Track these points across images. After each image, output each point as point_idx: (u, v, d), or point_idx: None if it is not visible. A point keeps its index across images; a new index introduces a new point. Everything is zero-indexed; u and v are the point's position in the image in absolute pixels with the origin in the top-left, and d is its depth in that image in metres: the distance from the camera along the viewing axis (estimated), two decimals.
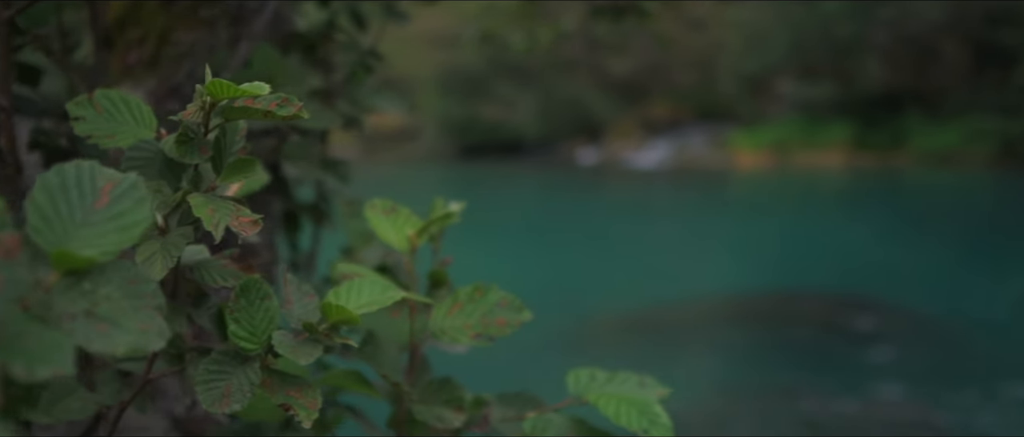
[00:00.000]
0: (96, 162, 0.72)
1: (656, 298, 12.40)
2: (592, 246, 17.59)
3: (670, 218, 21.74)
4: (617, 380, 1.34)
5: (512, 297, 1.25)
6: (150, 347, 0.67)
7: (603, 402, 1.21)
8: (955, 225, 19.63)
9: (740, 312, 11.63)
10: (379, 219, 1.29)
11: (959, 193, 24.05)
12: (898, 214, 20.45)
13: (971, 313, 11.16)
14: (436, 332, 1.23)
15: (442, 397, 1.24)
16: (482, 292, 1.26)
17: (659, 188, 28.12)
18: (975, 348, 9.86)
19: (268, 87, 0.89)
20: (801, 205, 23.86)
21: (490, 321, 1.23)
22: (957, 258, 15.57)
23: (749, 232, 19.49)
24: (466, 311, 1.25)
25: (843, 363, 9.38)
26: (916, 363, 9.41)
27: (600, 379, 1.35)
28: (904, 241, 17.08)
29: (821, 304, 11.76)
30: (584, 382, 1.33)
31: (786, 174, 29.16)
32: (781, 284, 13.43)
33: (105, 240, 0.67)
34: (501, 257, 16.78)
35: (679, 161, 33.15)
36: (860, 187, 25.61)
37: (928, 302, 11.79)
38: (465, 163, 36.06)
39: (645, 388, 1.33)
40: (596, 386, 1.32)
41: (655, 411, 1.18)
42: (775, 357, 9.78)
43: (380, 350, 1.19)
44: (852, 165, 30.10)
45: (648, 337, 10.62)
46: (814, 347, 10.01)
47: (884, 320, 11.11)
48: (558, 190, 28.10)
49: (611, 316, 11.58)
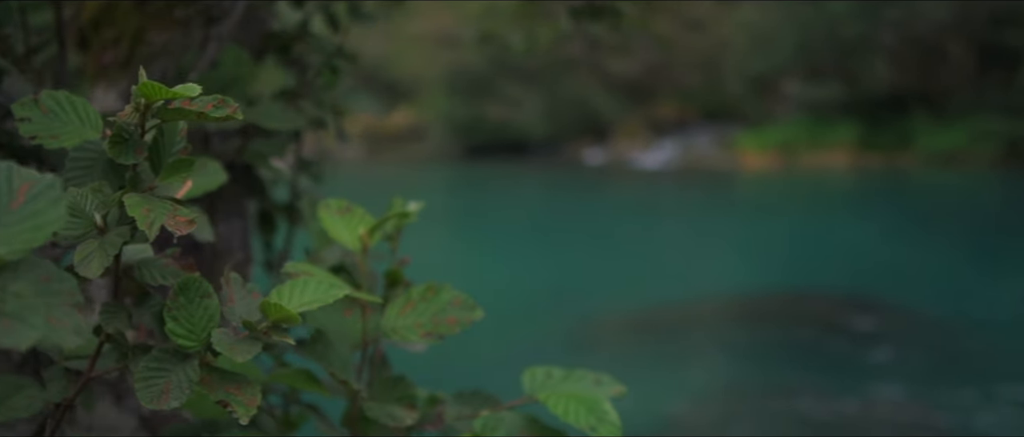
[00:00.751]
0: (13, 163, 0.74)
1: (661, 298, 12.41)
2: (598, 246, 17.59)
3: (676, 218, 21.74)
4: (573, 378, 1.35)
5: (465, 296, 1.26)
6: (63, 343, 0.68)
7: (553, 400, 1.22)
8: (960, 225, 19.59)
9: (745, 312, 11.64)
10: (332, 219, 1.30)
11: (964, 193, 24.01)
12: (903, 214, 20.41)
13: (974, 313, 11.14)
14: (388, 330, 1.24)
15: (394, 395, 1.25)
16: (434, 291, 1.27)
17: (665, 188, 28.12)
18: (977, 349, 9.84)
19: (200, 88, 0.90)
20: (807, 205, 23.83)
21: (441, 320, 1.24)
22: (961, 258, 15.54)
23: (755, 232, 19.47)
24: (418, 310, 1.26)
25: (846, 363, 9.38)
26: (919, 364, 9.40)
27: (556, 377, 1.35)
28: (909, 241, 17.06)
29: (825, 304, 11.75)
30: (540, 380, 1.34)
31: (792, 174, 29.13)
32: (786, 284, 13.42)
33: (17, 239, 0.68)
34: (506, 257, 16.80)
35: (685, 161, 33.14)
36: (866, 187, 25.58)
37: (932, 302, 11.78)
38: (471, 163, 36.08)
39: (600, 386, 1.34)
40: (551, 384, 1.33)
41: (603, 409, 1.19)
42: (779, 357, 9.78)
43: (330, 348, 1.20)
44: (858, 165, 30.05)
45: (653, 337, 10.63)
46: (817, 347, 10.00)
47: (887, 320, 11.10)
48: (564, 190, 28.10)
49: (617, 316, 11.58)
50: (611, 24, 2.13)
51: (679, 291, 12.85)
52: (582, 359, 9.55)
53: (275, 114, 1.46)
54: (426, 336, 1.20)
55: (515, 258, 16.61)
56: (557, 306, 12.22)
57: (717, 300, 12.29)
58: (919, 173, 27.72)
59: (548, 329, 11.02)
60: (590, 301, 12.44)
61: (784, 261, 15.83)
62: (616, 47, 37.57)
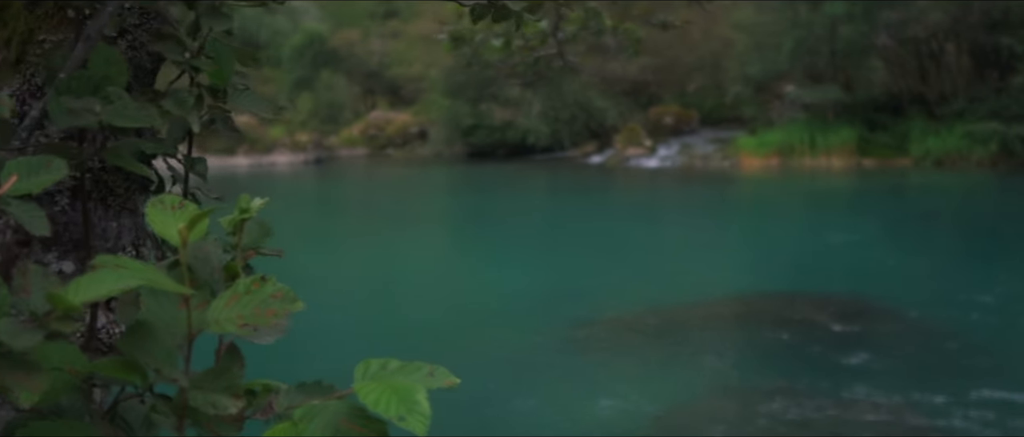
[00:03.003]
0: None
1: (655, 300, 12.46)
2: (595, 247, 17.64)
3: (674, 220, 21.78)
4: (407, 369, 1.38)
5: (287, 289, 1.29)
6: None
7: (365, 390, 1.24)
8: (952, 228, 19.62)
9: (736, 314, 11.69)
10: (158, 214, 1.33)
11: (958, 195, 24.02)
12: (897, 217, 20.43)
13: (959, 316, 11.17)
14: (210, 322, 1.27)
15: (220, 384, 1.28)
16: (259, 284, 1.30)
17: (664, 190, 28.16)
18: (959, 351, 9.87)
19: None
20: (803, 207, 23.86)
21: (261, 312, 1.27)
22: (951, 261, 15.57)
23: (750, 234, 19.52)
24: (242, 302, 1.29)
25: (832, 365, 9.41)
26: (901, 366, 9.43)
27: (392, 368, 1.38)
28: (901, 244, 17.09)
29: (816, 306, 11.79)
30: (373, 370, 1.37)
31: (790, 177, 29.16)
32: (779, 286, 13.47)
33: None
34: (504, 258, 16.86)
35: (686, 163, 33.18)
36: (862, 189, 25.60)
37: (919, 305, 11.81)
38: (473, 164, 36.17)
39: (433, 378, 1.37)
40: (384, 375, 1.36)
41: (416, 400, 1.21)
42: (767, 358, 9.83)
43: (149, 340, 1.23)
44: (856, 168, 30.09)
45: (645, 338, 10.70)
46: (805, 349, 10.05)
47: (874, 322, 11.15)
48: (564, 191, 28.16)
49: (611, 317, 11.64)
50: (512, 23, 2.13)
51: (672, 293, 12.90)
52: (574, 360, 9.63)
53: (128, 112, 1.50)
54: (243, 327, 1.24)
55: (513, 258, 16.68)
56: (552, 307, 12.27)
57: (710, 302, 12.34)
58: (914, 175, 27.75)
59: (542, 330, 11.07)
60: (585, 302, 12.49)
61: (778, 263, 15.86)
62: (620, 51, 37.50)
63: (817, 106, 32.41)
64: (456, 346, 10.74)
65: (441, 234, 21.90)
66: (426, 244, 19.58)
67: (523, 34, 6.77)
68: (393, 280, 15.10)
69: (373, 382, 1.29)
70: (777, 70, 33.06)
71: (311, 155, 38.73)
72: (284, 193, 30.63)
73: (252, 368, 1.36)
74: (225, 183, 32.03)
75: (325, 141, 41.07)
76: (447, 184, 32.23)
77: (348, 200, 28.39)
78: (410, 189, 30.80)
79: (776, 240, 18.44)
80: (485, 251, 18.11)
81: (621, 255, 16.56)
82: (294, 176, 34.60)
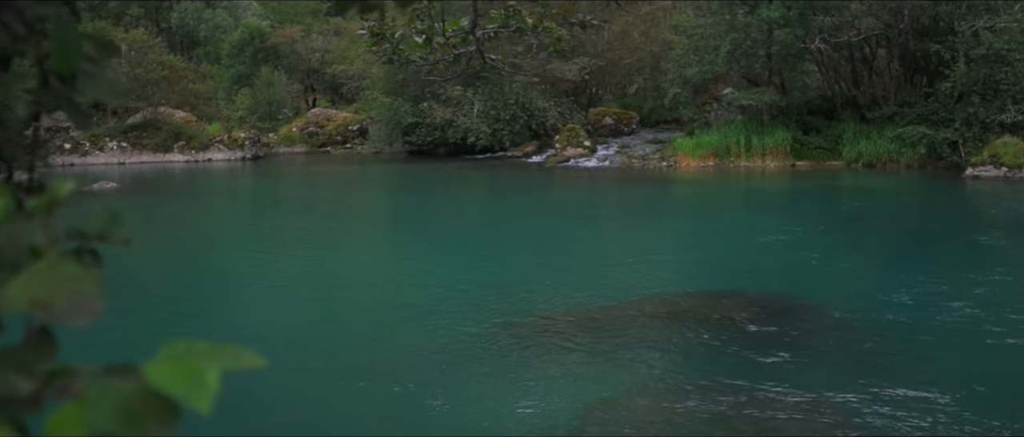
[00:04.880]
0: None
1: (589, 299, 12.52)
2: (532, 247, 17.70)
3: (612, 220, 21.92)
4: (212, 351, 1.39)
5: (82, 271, 1.30)
6: None
7: (154, 370, 1.25)
8: (881, 229, 19.98)
9: (667, 312, 11.76)
10: None
11: (888, 196, 24.44)
12: (829, 217, 20.77)
13: (879, 315, 11.37)
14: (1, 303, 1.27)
15: (10, 363, 1.29)
16: (56, 266, 1.31)
17: (603, 190, 28.30)
18: (877, 350, 10.04)
19: None
20: (738, 208, 24.13)
21: (55, 292, 1.28)
22: (878, 261, 15.85)
23: (686, 234, 19.69)
24: (36, 282, 1.30)
25: (756, 362, 9.51)
26: (825, 363, 9.58)
27: (197, 350, 1.39)
28: (831, 244, 17.36)
29: (745, 304, 11.91)
30: (177, 352, 1.38)
31: (726, 178, 29.50)
32: (711, 285, 13.61)
33: None
34: (440, 257, 16.81)
35: (624, 164, 33.38)
36: (796, 190, 25.96)
37: (842, 304, 11.98)
38: (413, 162, 36.07)
39: (238, 359, 1.38)
40: (188, 356, 1.37)
41: (205, 379, 1.22)
42: (692, 356, 9.90)
43: None
44: (790, 169, 30.54)
45: (575, 336, 10.72)
46: (730, 346, 10.14)
47: (797, 320, 11.29)
48: (503, 189, 28.17)
49: (543, 316, 11.66)
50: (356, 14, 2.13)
51: (603, 292, 12.97)
52: (499, 359, 9.66)
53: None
54: (36, 307, 1.24)
55: (448, 257, 16.64)
56: (483, 306, 12.28)
57: (639, 301, 12.41)
58: (846, 176, 28.22)
59: (470, 329, 11.07)
60: (516, 301, 12.51)
61: (709, 262, 16.03)
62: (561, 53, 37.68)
63: (753, 109, 32.85)
64: (384, 344, 10.71)
65: (377, 232, 21.82)
66: (361, 242, 19.49)
67: (443, 32, 6.78)
68: (325, 278, 15.02)
69: (166, 363, 1.30)
70: (715, 73, 33.44)
71: (248, 152, 38.34)
72: (219, 191, 30.27)
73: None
74: (158, 180, 31.60)
75: (263, 138, 40.71)
76: (385, 182, 32.11)
77: (283, 198, 28.15)
78: (347, 187, 30.64)
79: (708, 240, 18.65)
80: (420, 249, 18.07)
81: (556, 254, 16.64)
82: (230, 173, 34.23)
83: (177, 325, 11.28)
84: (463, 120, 36.72)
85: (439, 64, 7.91)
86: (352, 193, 28.93)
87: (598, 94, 43.52)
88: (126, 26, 46.47)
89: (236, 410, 8.45)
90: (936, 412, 8.04)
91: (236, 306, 13.20)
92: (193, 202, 26.27)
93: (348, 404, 8.68)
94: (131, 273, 15.31)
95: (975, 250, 16.64)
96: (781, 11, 30.18)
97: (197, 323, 11.53)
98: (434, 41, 7.63)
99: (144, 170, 34.50)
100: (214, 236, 20.61)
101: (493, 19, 7.16)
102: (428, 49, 7.82)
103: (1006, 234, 18.37)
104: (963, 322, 11.06)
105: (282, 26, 51.32)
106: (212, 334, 11.10)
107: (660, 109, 39.02)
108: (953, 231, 19.25)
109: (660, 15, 40.66)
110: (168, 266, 15.85)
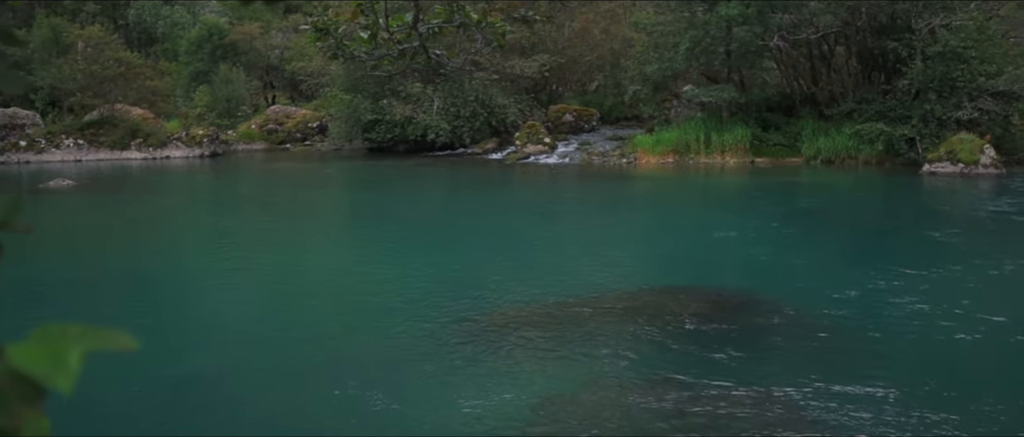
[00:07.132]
0: None
1: (546, 295, 12.47)
2: (491, 243, 17.64)
3: (571, 217, 21.90)
4: (84, 334, 1.29)
5: None
6: None
7: (19, 351, 1.16)
8: (837, 225, 20.12)
9: (623, 308, 11.72)
10: None
11: (845, 193, 24.64)
12: (786, 213, 20.86)
13: (834, 311, 11.40)
14: None
15: None
16: None
17: (563, 187, 28.30)
18: (834, 345, 10.06)
19: None
20: (697, 205, 24.22)
21: None
22: (833, 257, 15.94)
23: (645, 230, 19.72)
24: None
25: (709, 358, 9.50)
26: (777, 358, 9.59)
27: (70, 334, 1.29)
28: (787, 239, 17.44)
29: (701, 300, 11.90)
30: (50, 335, 1.28)
31: (685, 174, 29.57)
32: (668, 281, 13.59)
33: None
34: (398, 254, 16.70)
35: (584, 161, 33.40)
36: (754, 187, 26.07)
37: (797, 299, 12.02)
38: (372, 159, 35.89)
39: (112, 341, 1.28)
40: (60, 339, 1.27)
41: (67, 360, 1.13)
42: (649, 353, 9.86)
43: None
44: (749, 166, 30.68)
45: (530, 333, 10.65)
46: (684, 342, 10.13)
47: (757, 316, 11.30)
48: (463, 186, 28.09)
49: (499, 312, 11.59)
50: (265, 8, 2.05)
51: (560, 288, 12.92)
52: (454, 356, 9.57)
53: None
54: None
55: (406, 254, 16.54)
56: (440, 303, 12.18)
57: (595, 297, 12.36)
58: (805, 173, 28.41)
59: (425, 326, 10.99)
60: (473, 298, 12.43)
61: (667, 258, 16.05)
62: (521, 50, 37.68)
63: (713, 106, 32.97)
64: (334, 342, 10.60)
65: (334, 230, 21.65)
66: (318, 240, 19.33)
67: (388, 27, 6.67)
68: (280, 276, 14.87)
69: (30, 344, 1.20)
70: (674, 70, 33.52)
71: (207, 150, 37.96)
72: (177, 188, 29.98)
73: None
74: (115, 178, 31.22)
75: (222, 135, 40.34)
76: (344, 179, 31.92)
77: (241, 195, 27.89)
78: (306, 184, 30.42)
79: (665, 236, 18.67)
80: (377, 247, 17.95)
81: (515, 251, 16.57)
82: (188, 171, 33.88)
83: (129, 321, 11.09)
84: (423, 117, 36.57)
85: (384, 60, 7.79)
86: (311, 190, 28.71)
87: (558, 91, 43.50)
88: (82, 22, 45.85)
89: (173, 408, 8.31)
90: (884, 406, 8.05)
91: (190, 304, 13.04)
92: (150, 200, 25.99)
93: (293, 403, 8.55)
94: (87, 272, 15.09)
95: (929, 246, 16.76)
96: (740, 9, 30.30)
97: (148, 321, 11.34)
98: (379, 36, 7.50)
99: (101, 168, 34.10)
100: (171, 234, 20.36)
101: (437, 14, 7.07)
102: (372, 45, 7.70)
103: (960, 230, 18.53)
104: (914, 317, 11.11)
105: (240, 23, 50.87)
106: (164, 332, 10.96)
107: (620, 106, 39.05)
108: (908, 227, 19.41)
109: (620, 12, 40.70)
110: (123, 265, 15.65)
